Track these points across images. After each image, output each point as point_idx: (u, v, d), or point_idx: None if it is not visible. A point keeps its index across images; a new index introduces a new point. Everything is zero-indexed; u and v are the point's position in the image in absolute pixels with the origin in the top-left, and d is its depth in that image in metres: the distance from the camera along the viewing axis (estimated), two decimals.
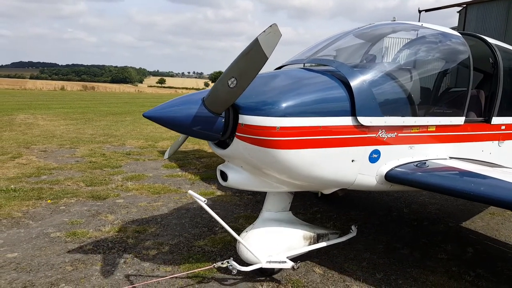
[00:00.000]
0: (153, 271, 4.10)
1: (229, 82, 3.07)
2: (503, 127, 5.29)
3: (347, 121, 3.65)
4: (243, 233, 4.04)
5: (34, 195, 6.41)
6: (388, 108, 3.98)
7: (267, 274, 4.06)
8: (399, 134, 4.05)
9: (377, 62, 4.60)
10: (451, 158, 4.61)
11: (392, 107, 4.09)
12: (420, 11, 19.70)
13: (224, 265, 3.74)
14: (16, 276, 3.88)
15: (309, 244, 4.23)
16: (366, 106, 3.71)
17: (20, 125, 15.32)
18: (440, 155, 4.53)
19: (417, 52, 5.16)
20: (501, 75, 5.13)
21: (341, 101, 3.67)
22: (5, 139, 11.69)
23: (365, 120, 3.69)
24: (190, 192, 3.52)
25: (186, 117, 3.25)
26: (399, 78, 4.30)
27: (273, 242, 3.98)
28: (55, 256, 4.34)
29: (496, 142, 5.28)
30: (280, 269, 4.07)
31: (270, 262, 3.84)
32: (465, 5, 18.31)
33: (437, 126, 4.41)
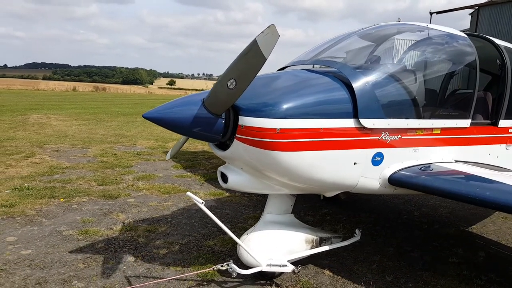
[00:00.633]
0: (164, 270, 4.14)
1: (229, 83, 3.05)
2: (511, 130, 5.20)
3: (349, 123, 3.59)
4: (243, 235, 3.99)
5: (47, 193, 6.51)
6: (391, 110, 3.93)
7: (267, 277, 4.00)
8: (403, 137, 3.98)
9: (381, 63, 4.56)
10: (456, 161, 4.54)
11: (395, 109, 4.03)
12: (431, 13, 19.55)
13: (224, 268, 3.67)
14: (30, 273, 3.95)
15: (311, 248, 4.17)
16: (368, 108, 3.65)
17: (33, 125, 15.55)
18: (446, 158, 4.45)
19: (422, 54, 5.10)
20: (509, 77, 5.05)
21: (343, 103, 3.61)
22: (18, 139, 11.88)
23: (367, 122, 3.63)
24: (189, 194, 3.47)
25: (186, 118, 3.22)
26: (403, 79, 4.24)
27: (274, 245, 3.92)
28: (67, 254, 4.40)
29: (503, 146, 5.19)
30: (281, 272, 4.01)
31: (270, 265, 3.78)
32: (477, 7, 18.12)
33: (442, 129, 4.34)
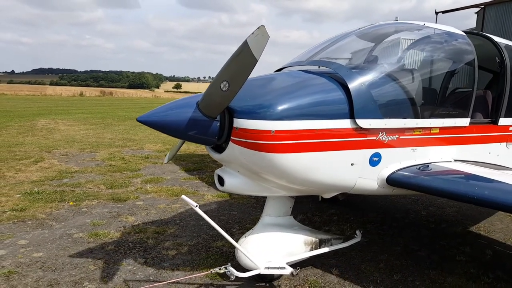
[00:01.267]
0: (173, 271, 4.20)
1: (222, 86, 3.03)
2: (511, 129, 5.16)
3: (346, 124, 3.57)
4: (242, 238, 3.98)
5: (57, 197, 6.60)
6: (388, 110, 3.91)
7: (266, 280, 3.98)
8: (401, 137, 3.95)
9: (378, 63, 4.50)
10: (456, 160, 4.51)
11: (392, 109, 4.01)
12: (437, 13, 19.51)
13: (222, 271, 3.66)
14: (42, 275, 4.03)
15: (311, 250, 4.14)
16: (365, 109, 3.63)
17: (42, 130, 15.73)
18: (445, 157, 4.42)
19: (420, 53, 5.06)
20: (508, 75, 5.00)
21: (338, 103, 3.59)
22: (27, 144, 12.03)
23: (364, 123, 3.61)
24: (183, 197, 3.47)
25: (181, 121, 3.19)
26: (400, 79, 4.21)
27: (273, 248, 3.89)
28: (78, 256, 4.47)
29: (504, 144, 5.14)
30: (280, 275, 3.99)
31: (268, 268, 3.75)
32: (483, 6, 18.05)
33: (441, 128, 4.31)
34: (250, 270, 3.73)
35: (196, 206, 3.43)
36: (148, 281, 3.96)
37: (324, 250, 4.24)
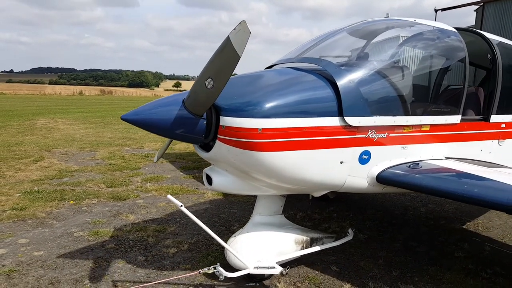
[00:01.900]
0: (174, 269, 4.22)
1: (206, 83, 2.99)
2: (503, 126, 5.09)
3: (334, 121, 3.53)
4: (231, 238, 3.97)
5: (57, 196, 6.62)
6: (377, 107, 3.88)
7: (256, 280, 3.95)
8: (391, 134, 3.92)
9: (367, 60, 4.45)
10: (447, 158, 4.47)
11: (382, 106, 3.98)
12: (436, 10, 19.48)
13: (211, 271, 3.63)
14: (43, 273, 4.05)
15: (302, 249, 4.12)
16: (353, 106, 3.60)
17: (41, 129, 15.75)
18: (435, 155, 4.38)
19: (410, 49, 5.00)
20: (499, 72, 4.95)
21: (326, 101, 3.55)
22: (27, 143, 12.05)
23: (353, 121, 3.58)
24: (169, 197, 3.44)
25: (167, 119, 3.15)
26: (390, 76, 4.17)
27: (263, 247, 3.87)
28: (79, 254, 4.50)
29: (496, 141, 5.08)
30: (271, 274, 3.96)
31: (258, 267, 3.73)
32: (482, 3, 18.02)
33: (432, 125, 4.26)
34: (239, 270, 3.72)
35: (181, 206, 3.42)
36: (149, 279, 3.99)
37: (316, 249, 4.21)
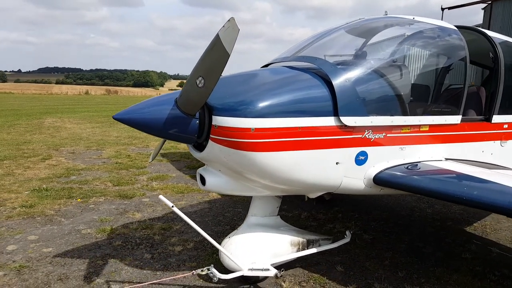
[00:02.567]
0: (179, 266, 4.25)
1: (197, 82, 2.94)
2: (505, 126, 4.98)
3: (329, 121, 3.45)
4: (225, 239, 3.92)
5: (65, 194, 6.68)
6: (374, 107, 3.82)
7: (251, 281, 3.88)
8: (388, 135, 3.83)
9: (364, 59, 4.34)
10: (447, 159, 4.38)
11: (379, 106, 3.92)
12: (443, 9, 19.35)
13: (204, 273, 3.60)
14: (52, 269, 4.09)
15: (298, 251, 4.05)
16: (349, 106, 3.52)
17: (49, 128, 15.87)
18: (435, 156, 4.28)
19: (409, 48, 4.91)
20: (501, 71, 4.84)
21: (321, 100, 3.48)
22: (35, 142, 12.15)
23: (348, 120, 3.50)
24: (161, 197, 3.42)
25: (159, 119, 3.11)
26: (387, 75, 4.08)
27: (257, 249, 3.82)
28: (86, 251, 4.54)
29: (498, 142, 4.97)
30: (266, 276, 3.90)
31: (252, 269, 3.68)
32: (490, 2, 17.87)
33: (431, 126, 4.17)
34: (233, 272, 3.68)
35: (173, 206, 3.41)
36: (155, 276, 4.02)
37: (312, 251, 4.15)
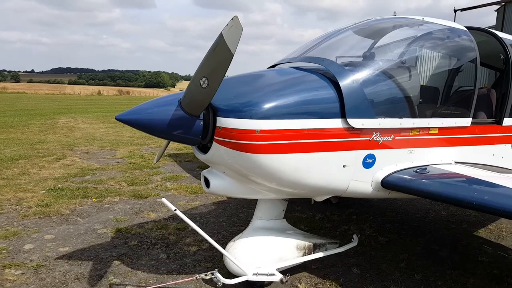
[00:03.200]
0: (195, 267, 4.27)
1: (201, 82, 2.90)
2: None
3: (336, 123, 3.39)
4: (230, 242, 3.87)
5: (80, 194, 6.76)
6: (382, 109, 3.76)
7: (256, 286, 3.77)
8: (397, 137, 3.76)
9: (372, 60, 4.28)
10: (456, 163, 4.29)
11: (387, 108, 3.86)
12: (455, 11, 19.16)
13: (208, 277, 3.54)
14: (69, 269, 4.14)
15: (304, 255, 3.98)
16: (357, 108, 3.45)
17: (63, 128, 16.07)
18: (444, 159, 4.20)
19: (418, 49, 4.84)
20: None
21: (328, 102, 3.42)
22: (49, 141, 12.31)
23: (356, 123, 3.43)
24: (163, 200, 3.39)
25: (163, 120, 3.06)
26: (396, 76, 4.03)
27: (263, 253, 3.75)
28: (103, 251, 4.58)
29: (509, 145, 4.89)
30: (271, 282, 3.81)
31: (257, 274, 3.62)
32: (503, 3, 17.63)
33: (440, 128, 4.10)
34: (238, 276, 3.62)
35: (176, 210, 3.38)
36: (171, 277, 4.04)
37: (319, 255, 4.08)
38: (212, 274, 3.55)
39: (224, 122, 3.16)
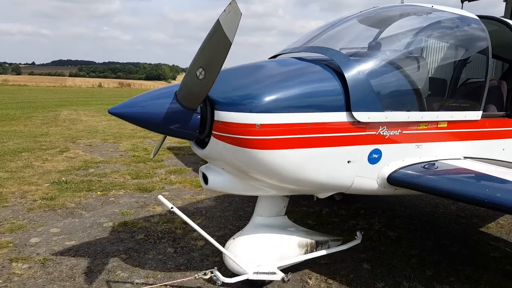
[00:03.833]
0: (203, 261, 4.21)
1: (197, 73, 2.75)
2: None
3: (341, 117, 3.23)
4: (230, 240, 3.75)
5: (85, 187, 6.69)
6: (389, 102, 3.60)
7: (257, 285, 3.68)
8: (404, 131, 3.60)
9: (379, 50, 4.09)
10: (465, 158, 4.14)
11: (394, 101, 3.70)
12: (462, 1, 18.91)
13: (207, 276, 3.46)
14: (76, 263, 4.08)
15: (306, 253, 3.87)
16: (363, 100, 3.29)
17: (65, 120, 16.00)
18: (453, 154, 4.05)
19: (427, 39, 4.65)
20: None
21: (333, 94, 3.26)
22: (52, 134, 12.24)
23: (361, 116, 3.27)
24: (160, 198, 3.31)
25: (158, 113, 2.93)
26: (404, 68, 3.85)
27: (263, 251, 3.64)
28: (109, 245, 4.52)
29: None
30: (272, 280, 3.71)
31: (257, 273, 3.51)
32: None
33: (449, 122, 3.93)
34: (238, 275, 3.54)
35: (172, 208, 3.29)
36: (179, 271, 3.98)
37: (321, 253, 3.97)
38: (212, 272, 3.47)
39: (222, 115, 3.01)
